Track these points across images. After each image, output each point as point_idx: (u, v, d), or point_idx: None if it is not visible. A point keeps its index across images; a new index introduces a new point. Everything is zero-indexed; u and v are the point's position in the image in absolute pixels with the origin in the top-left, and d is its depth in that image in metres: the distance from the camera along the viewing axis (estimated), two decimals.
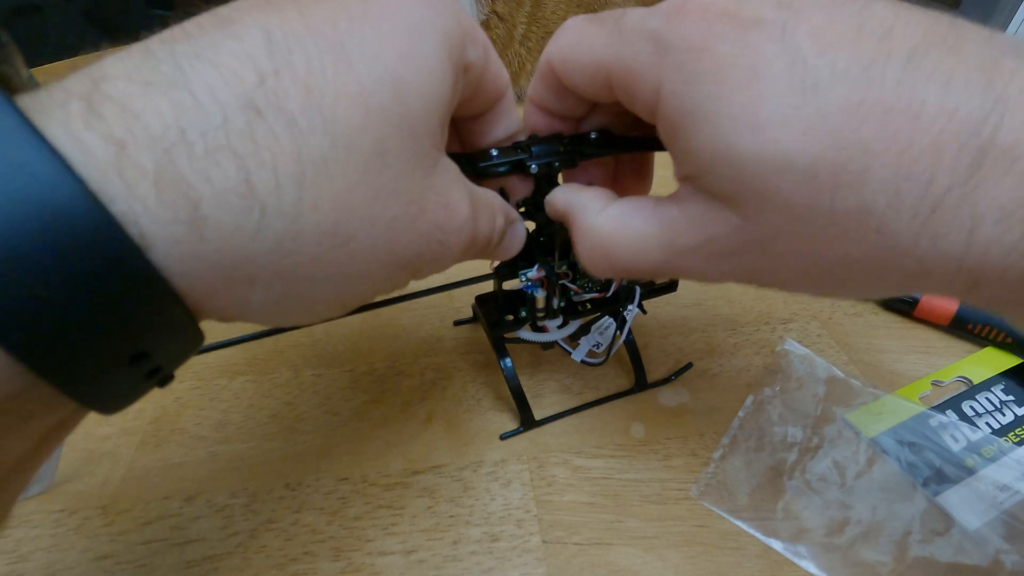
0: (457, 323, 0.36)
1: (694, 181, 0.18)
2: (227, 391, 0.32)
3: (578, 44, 0.20)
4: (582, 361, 0.32)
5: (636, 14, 0.18)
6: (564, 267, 0.28)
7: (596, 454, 0.28)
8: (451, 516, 0.26)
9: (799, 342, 0.33)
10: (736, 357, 0.33)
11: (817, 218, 0.16)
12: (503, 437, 0.29)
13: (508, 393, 0.30)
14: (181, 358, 0.15)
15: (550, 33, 0.62)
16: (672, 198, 0.19)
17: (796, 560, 0.24)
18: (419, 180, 0.16)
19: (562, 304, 0.29)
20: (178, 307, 0.13)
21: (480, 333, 0.35)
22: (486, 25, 0.59)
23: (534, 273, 0.27)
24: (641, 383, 0.31)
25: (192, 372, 0.33)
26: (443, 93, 0.17)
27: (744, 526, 0.25)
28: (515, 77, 0.63)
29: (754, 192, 0.16)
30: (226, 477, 0.27)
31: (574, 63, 0.20)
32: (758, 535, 0.25)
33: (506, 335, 0.30)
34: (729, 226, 0.18)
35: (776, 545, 0.24)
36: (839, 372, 0.31)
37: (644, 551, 0.24)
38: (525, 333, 0.30)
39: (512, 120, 0.23)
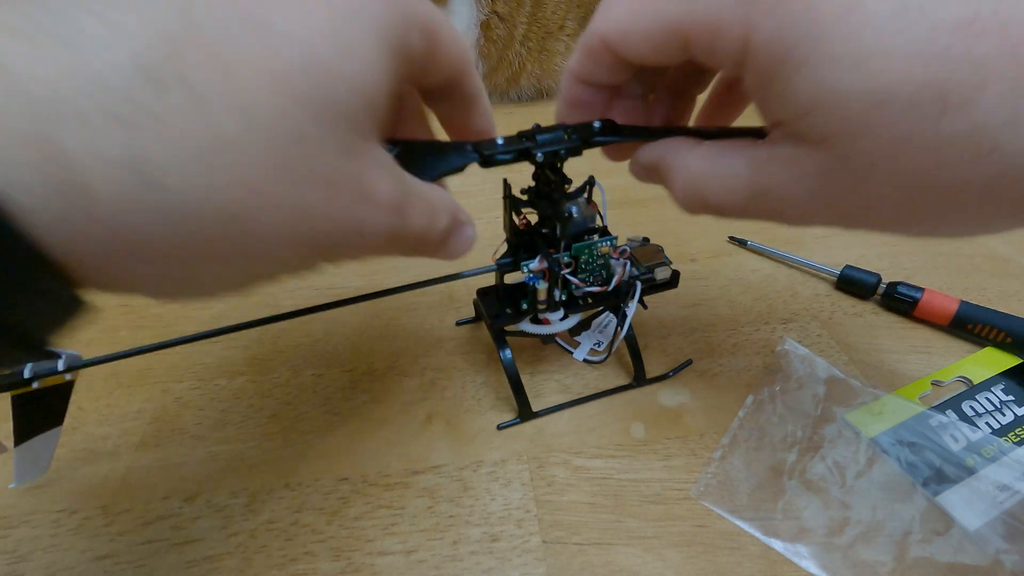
0: (459, 323, 0.36)
1: (787, 126, 0.18)
2: (227, 391, 0.32)
3: (640, 12, 0.20)
4: (584, 359, 0.32)
5: None
6: (566, 258, 0.28)
7: (596, 454, 0.28)
8: (451, 516, 0.26)
9: (799, 342, 0.33)
10: (736, 357, 0.33)
11: (920, 146, 0.15)
12: (500, 427, 0.30)
13: (509, 393, 0.30)
14: (57, 327, 0.15)
15: (550, 33, 0.62)
16: (763, 141, 0.19)
17: (796, 560, 0.24)
18: (338, 169, 0.16)
19: (563, 297, 0.29)
20: (57, 280, 0.13)
21: (480, 333, 0.35)
22: (486, 25, 0.59)
23: (536, 264, 0.27)
24: (640, 379, 0.31)
25: (192, 372, 0.33)
26: (375, 84, 0.16)
27: (744, 526, 0.25)
28: (515, 77, 0.63)
29: (853, 128, 0.16)
30: (226, 477, 0.27)
31: (637, 31, 0.20)
32: (758, 535, 0.25)
33: (507, 327, 0.30)
34: (821, 163, 0.17)
35: (776, 545, 0.24)
36: (839, 372, 0.31)
37: (644, 551, 0.24)
38: (526, 325, 0.30)
39: (473, 96, 0.22)
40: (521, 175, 0.26)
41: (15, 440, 0.23)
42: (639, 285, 0.29)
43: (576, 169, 0.27)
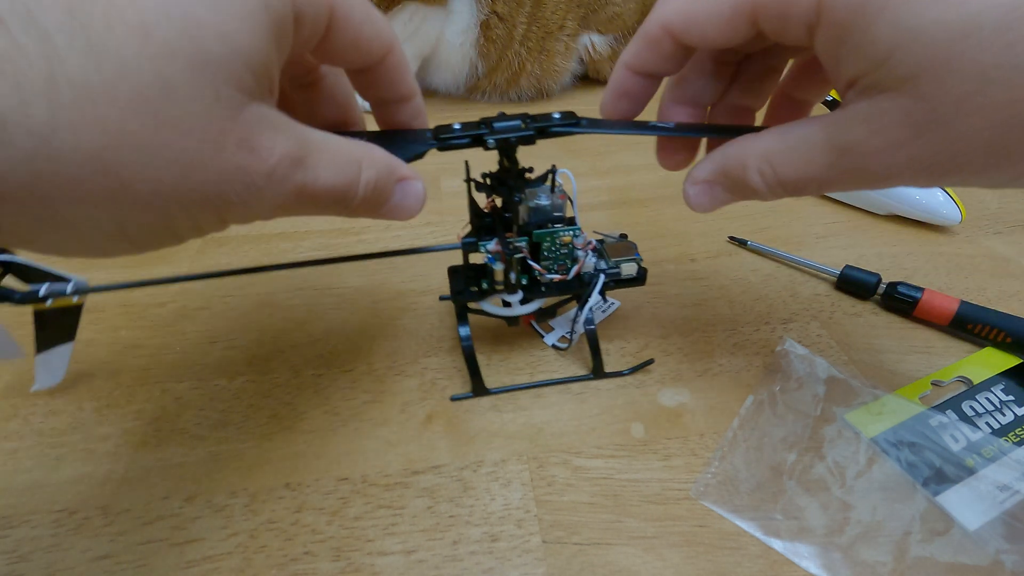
0: (443, 298, 0.37)
1: (865, 79, 0.18)
2: (227, 391, 0.32)
3: None
4: (552, 345, 0.33)
5: None
6: (521, 243, 0.29)
7: (596, 454, 0.28)
8: (451, 516, 0.26)
9: (799, 342, 0.33)
10: (736, 357, 0.33)
11: (1011, 73, 0.15)
12: (453, 399, 0.31)
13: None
14: None
15: (550, 33, 0.62)
16: (838, 107, 0.19)
17: (796, 560, 0.24)
18: (217, 121, 0.16)
19: (523, 280, 0.30)
20: None
21: (479, 332, 0.35)
22: (486, 25, 0.59)
23: (493, 246, 0.28)
24: (598, 372, 0.32)
25: (192, 372, 0.33)
26: (251, 41, 0.16)
27: (744, 526, 0.25)
28: (515, 77, 0.63)
29: (938, 64, 0.16)
30: (226, 477, 0.27)
31: (705, 12, 0.21)
32: (758, 535, 0.25)
33: (469, 305, 0.31)
34: (905, 109, 0.17)
35: (776, 545, 0.24)
36: (839, 372, 0.31)
37: (644, 551, 0.24)
38: (489, 306, 0.31)
39: (400, 79, 0.23)
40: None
41: (36, 349, 0.27)
42: (602, 277, 0.30)
43: (578, 168, 0.27)
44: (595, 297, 0.30)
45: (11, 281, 0.26)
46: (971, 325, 0.33)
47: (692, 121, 0.26)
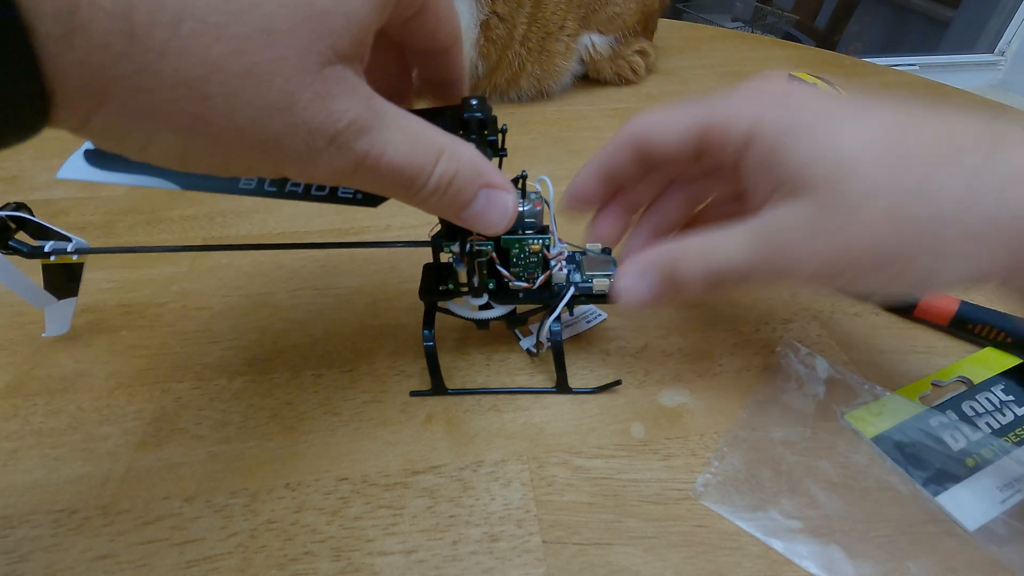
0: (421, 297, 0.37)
1: (786, 185, 0.22)
2: (227, 391, 0.32)
3: (672, 114, 0.26)
4: (527, 349, 0.33)
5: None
6: (489, 247, 0.28)
7: (596, 454, 0.28)
8: (451, 516, 0.26)
9: (799, 342, 0.33)
10: (736, 357, 0.33)
11: (890, 195, 0.20)
12: (412, 394, 0.31)
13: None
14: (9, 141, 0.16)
15: (550, 33, 0.62)
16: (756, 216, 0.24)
17: (796, 560, 0.24)
18: (299, 74, 0.16)
19: (490, 285, 0.30)
20: (36, 98, 0.14)
21: (479, 333, 0.35)
22: (486, 25, 0.59)
23: (456, 247, 0.28)
24: (561, 386, 0.31)
25: (192, 372, 0.33)
26: (359, 2, 0.17)
27: (744, 526, 0.25)
28: (515, 77, 0.63)
29: (833, 180, 0.21)
30: (226, 477, 0.27)
31: (668, 128, 0.26)
32: (758, 535, 0.25)
33: (439, 304, 0.31)
34: (810, 213, 0.22)
35: (776, 545, 0.24)
36: (839, 372, 0.31)
37: (644, 551, 0.24)
38: (455, 307, 0.31)
39: (456, 66, 0.24)
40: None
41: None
42: (572, 288, 0.29)
43: (578, 167, 0.27)
44: (579, 308, 0.30)
45: (23, 236, 0.29)
46: (971, 325, 0.33)
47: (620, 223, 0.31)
